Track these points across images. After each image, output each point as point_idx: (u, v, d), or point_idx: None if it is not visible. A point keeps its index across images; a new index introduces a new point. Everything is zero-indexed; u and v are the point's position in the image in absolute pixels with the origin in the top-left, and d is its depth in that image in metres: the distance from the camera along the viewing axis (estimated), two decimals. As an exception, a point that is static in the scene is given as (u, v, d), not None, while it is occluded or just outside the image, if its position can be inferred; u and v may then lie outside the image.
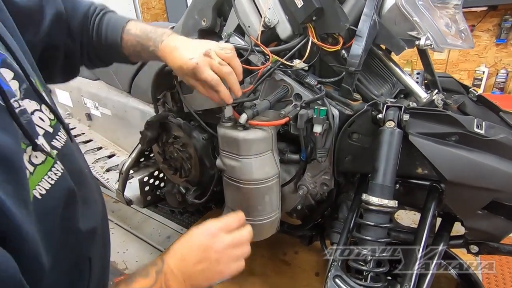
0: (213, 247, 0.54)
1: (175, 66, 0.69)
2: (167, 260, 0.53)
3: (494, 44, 2.77)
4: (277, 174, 0.85)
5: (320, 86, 0.83)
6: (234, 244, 0.56)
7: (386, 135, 0.74)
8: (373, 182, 0.75)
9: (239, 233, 0.59)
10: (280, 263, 1.45)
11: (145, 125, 1.06)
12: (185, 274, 0.52)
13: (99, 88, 1.68)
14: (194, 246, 0.54)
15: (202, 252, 0.53)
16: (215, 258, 0.54)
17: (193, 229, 0.57)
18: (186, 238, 0.56)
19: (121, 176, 1.24)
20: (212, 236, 0.55)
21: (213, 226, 0.57)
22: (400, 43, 0.78)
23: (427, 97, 0.91)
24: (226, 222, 0.59)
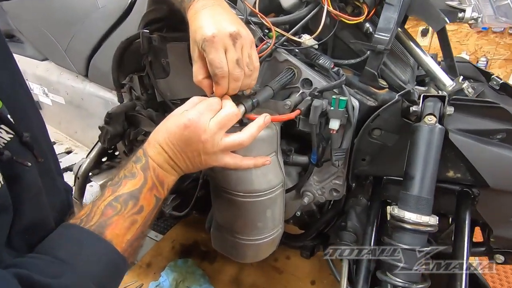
0: (199, 139, 0.49)
1: (192, 27, 0.55)
2: (149, 153, 0.50)
3: (476, 32, 2.75)
4: (281, 182, 0.67)
5: (338, 69, 0.64)
6: (220, 125, 0.51)
7: (424, 133, 0.58)
8: (406, 193, 0.59)
9: (235, 138, 0.52)
10: (271, 270, 1.30)
11: (106, 118, 0.82)
12: (170, 165, 0.51)
13: (48, 70, 1.37)
14: (175, 140, 0.50)
15: (186, 145, 0.50)
16: (201, 148, 0.50)
17: (173, 115, 0.52)
18: (164, 128, 0.51)
19: (78, 181, 0.99)
20: (196, 127, 0.49)
21: (194, 113, 0.50)
22: (440, 15, 0.62)
23: (453, 85, 0.76)
24: (208, 103, 0.52)
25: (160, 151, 0.50)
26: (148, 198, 0.48)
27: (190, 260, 1.31)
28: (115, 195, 0.46)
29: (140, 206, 0.47)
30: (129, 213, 0.45)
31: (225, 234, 0.73)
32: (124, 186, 0.47)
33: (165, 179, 0.51)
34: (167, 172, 0.51)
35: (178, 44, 0.73)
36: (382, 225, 0.84)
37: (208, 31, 0.50)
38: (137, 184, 0.47)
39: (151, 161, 0.49)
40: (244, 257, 0.74)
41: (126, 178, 0.48)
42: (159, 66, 0.79)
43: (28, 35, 1.41)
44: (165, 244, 1.42)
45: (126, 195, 0.46)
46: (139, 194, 0.47)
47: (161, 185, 0.50)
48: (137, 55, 0.82)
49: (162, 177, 0.50)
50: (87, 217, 0.43)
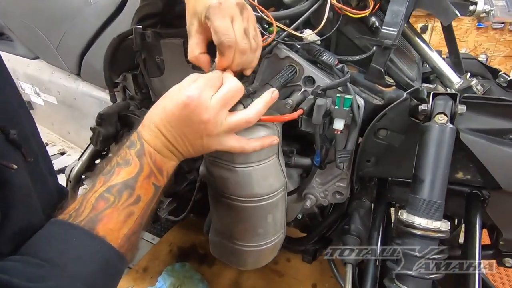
0: (201, 118, 0.45)
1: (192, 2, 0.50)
2: (145, 137, 0.45)
3: (475, 28, 2.72)
4: (283, 185, 0.64)
5: (342, 66, 0.61)
6: (223, 101, 0.46)
7: (434, 133, 0.55)
8: (416, 197, 0.56)
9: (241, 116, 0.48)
10: (271, 274, 1.27)
11: (97, 119, 0.78)
12: (169, 150, 0.46)
13: (39, 69, 1.33)
14: (174, 121, 0.45)
15: (186, 126, 0.45)
16: (203, 128, 0.46)
17: (170, 94, 0.47)
18: (161, 108, 0.46)
19: (70, 184, 0.95)
20: (197, 105, 0.44)
21: (193, 89, 0.45)
22: (451, 8, 0.58)
23: (460, 82, 0.73)
24: (208, 78, 0.47)
25: (157, 134, 0.45)
26: (146, 186, 0.43)
27: (187, 264, 1.27)
28: (107, 186, 0.41)
29: (137, 196, 0.42)
30: (124, 204, 0.41)
31: (224, 241, 0.69)
32: (118, 175, 0.42)
33: (164, 165, 0.46)
34: (166, 157, 0.46)
35: (173, 40, 0.69)
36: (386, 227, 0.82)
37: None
38: (132, 172, 0.42)
39: (147, 146, 0.45)
40: (244, 264, 0.71)
41: (119, 166, 0.43)
42: (153, 64, 0.76)
43: (18, 33, 1.36)
44: (162, 247, 1.39)
45: (120, 185, 0.41)
46: (135, 183, 0.42)
47: (160, 172, 0.45)
48: (130, 53, 0.79)
49: (160, 163, 0.45)
50: (77, 212, 0.39)
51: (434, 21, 2.75)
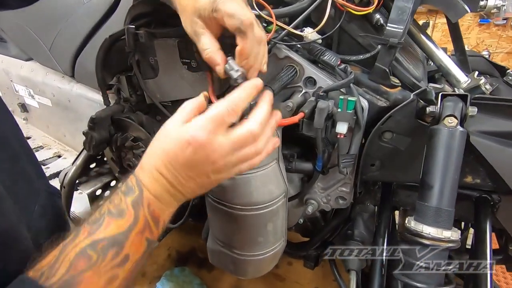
0: (208, 159, 0.40)
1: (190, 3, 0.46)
2: (144, 182, 0.39)
3: (477, 24, 2.69)
4: (284, 192, 0.61)
5: (345, 66, 0.58)
6: (238, 145, 0.41)
7: (443, 137, 0.52)
8: (424, 204, 0.53)
9: (243, 129, 0.41)
10: (272, 278, 1.24)
11: (89, 123, 0.75)
12: (172, 195, 0.41)
13: (33, 70, 1.30)
14: (178, 163, 0.39)
15: (192, 168, 0.40)
16: (212, 169, 0.41)
17: (169, 133, 0.40)
18: (161, 150, 0.40)
19: (64, 190, 0.92)
20: (202, 147, 0.39)
21: (199, 129, 0.39)
22: (460, 3, 0.55)
23: (468, 81, 0.70)
24: (217, 115, 0.40)
25: (158, 178, 0.40)
26: (137, 243, 0.38)
27: (187, 268, 1.25)
28: (92, 239, 0.35)
29: (125, 255, 0.36)
30: (108, 265, 0.35)
31: (223, 249, 0.66)
32: (107, 227, 0.36)
33: (162, 214, 0.40)
34: (165, 205, 0.41)
35: (167, 40, 0.66)
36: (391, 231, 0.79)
37: None
38: (123, 226, 0.37)
39: (146, 193, 0.39)
40: (244, 273, 0.68)
41: (110, 215, 0.37)
42: (147, 65, 0.72)
43: (10, 34, 1.33)
44: (160, 251, 1.36)
45: (107, 241, 0.35)
46: (125, 240, 0.36)
47: (156, 223, 0.40)
48: (124, 54, 0.75)
49: (158, 213, 0.40)
50: (51, 269, 0.33)
51: (436, 18, 2.71)
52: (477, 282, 0.62)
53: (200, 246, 1.36)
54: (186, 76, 0.68)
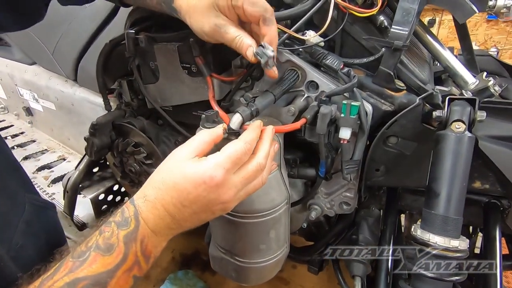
0: (219, 199, 0.39)
1: None
2: (145, 216, 0.37)
3: (485, 21, 2.63)
4: (286, 199, 0.59)
5: (348, 70, 0.56)
6: (249, 181, 0.41)
7: (451, 143, 0.50)
8: (431, 212, 0.51)
9: (253, 164, 0.41)
10: (276, 281, 1.23)
11: (90, 129, 0.74)
12: (172, 229, 0.39)
13: (37, 74, 1.31)
14: (188, 201, 0.37)
15: (202, 206, 0.38)
16: (220, 208, 0.40)
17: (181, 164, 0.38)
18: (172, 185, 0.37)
19: (67, 194, 0.92)
20: (218, 186, 0.37)
21: (217, 169, 0.37)
22: (467, 3, 0.53)
23: (476, 82, 0.68)
24: (235, 155, 0.39)
25: (162, 214, 0.38)
26: (122, 282, 0.35)
27: (190, 271, 1.24)
28: (73, 277, 0.32)
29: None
30: None
31: (225, 256, 0.65)
32: (91, 264, 0.33)
33: (154, 249, 0.38)
34: (161, 239, 0.39)
35: (167, 45, 0.65)
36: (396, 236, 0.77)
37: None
38: (110, 264, 0.34)
39: (143, 228, 0.36)
40: (246, 280, 0.67)
41: (97, 250, 0.34)
42: (147, 70, 0.72)
43: (15, 38, 1.34)
44: (164, 254, 1.36)
45: (88, 280, 0.32)
46: (109, 280, 0.34)
47: (146, 260, 0.38)
48: (125, 58, 0.75)
49: (150, 250, 0.38)
50: None
51: (442, 15, 2.66)
52: (487, 287, 0.60)
53: (204, 249, 1.35)
54: (187, 81, 0.67)
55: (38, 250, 0.47)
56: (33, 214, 0.48)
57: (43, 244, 0.49)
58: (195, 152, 0.39)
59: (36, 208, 0.50)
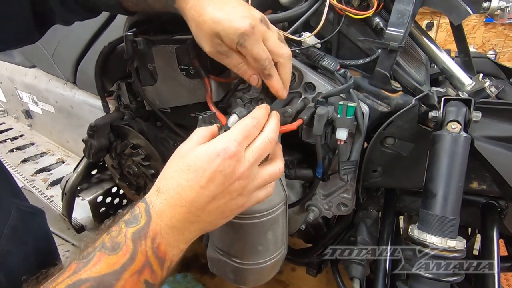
0: (235, 174, 0.37)
1: (207, 17, 0.45)
2: (158, 208, 0.34)
3: (483, 24, 2.65)
4: (283, 200, 0.59)
5: (345, 71, 0.57)
6: (261, 156, 0.40)
7: (447, 143, 0.50)
8: (428, 213, 0.51)
9: (262, 138, 0.41)
10: (275, 284, 1.23)
11: (89, 131, 0.75)
12: (190, 223, 0.35)
13: (36, 77, 1.31)
14: (205, 179, 0.35)
15: (219, 185, 0.36)
16: (237, 188, 0.38)
17: (190, 150, 0.37)
18: (185, 168, 0.36)
19: (65, 197, 0.92)
20: (232, 157, 0.36)
21: (230, 141, 0.37)
22: (462, 5, 0.53)
23: (472, 84, 0.68)
24: (244, 128, 0.40)
25: (178, 202, 0.34)
26: (130, 287, 0.31)
27: (189, 274, 1.24)
28: (75, 279, 0.30)
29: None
30: None
31: (223, 258, 0.65)
32: (95, 264, 0.31)
33: (170, 251, 0.34)
34: (178, 238, 0.35)
35: (165, 47, 0.66)
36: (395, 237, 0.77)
37: (245, 22, 0.43)
38: (116, 264, 0.31)
39: (155, 223, 0.33)
40: (244, 282, 0.67)
41: (103, 250, 0.32)
42: (146, 72, 0.72)
43: (14, 41, 1.35)
44: (163, 257, 1.35)
45: (91, 282, 0.30)
46: (114, 282, 0.30)
47: (160, 262, 0.33)
48: (123, 61, 0.75)
49: (164, 250, 0.33)
50: None
51: (440, 18, 2.68)
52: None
53: (203, 252, 1.34)
54: (185, 82, 0.67)
55: (24, 256, 0.46)
56: (19, 220, 0.46)
57: (30, 250, 0.47)
58: (197, 142, 0.39)
59: (23, 214, 0.48)
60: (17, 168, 1.29)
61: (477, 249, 0.81)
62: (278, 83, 0.49)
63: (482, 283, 0.60)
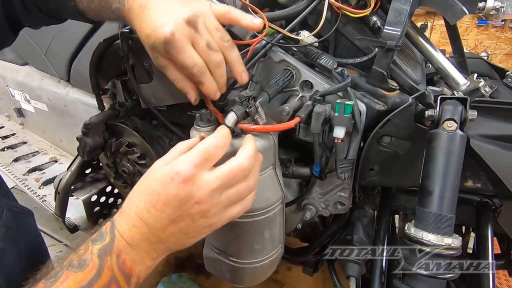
0: (192, 198, 0.35)
1: (142, 34, 0.45)
2: (120, 227, 0.35)
3: (476, 26, 2.69)
4: (281, 198, 0.59)
5: (342, 70, 0.57)
6: (226, 182, 0.38)
7: (443, 141, 0.51)
8: (424, 210, 0.51)
9: (233, 163, 0.38)
10: (271, 284, 1.22)
11: (83, 129, 0.73)
12: (152, 243, 0.36)
13: (29, 75, 1.29)
14: (159, 203, 0.35)
15: (175, 209, 0.35)
16: (197, 212, 0.36)
17: (153, 171, 0.37)
18: (144, 189, 0.37)
19: (59, 196, 0.91)
20: (186, 182, 0.35)
21: (184, 163, 0.36)
22: (458, 5, 0.54)
23: (467, 83, 0.69)
24: (204, 149, 0.37)
25: (136, 222, 0.35)
26: None
27: (185, 274, 1.23)
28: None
29: None
30: None
31: (219, 257, 0.65)
32: (62, 282, 0.31)
33: (136, 267, 0.35)
34: (142, 256, 0.36)
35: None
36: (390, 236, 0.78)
37: (164, 30, 0.41)
38: (83, 281, 0.31)
39: (118, 240, 0.34)
40: (241, 281, 0.66)
41: (70, 268, 0.32)
42: (141, 69, 0.71)
43: (6, 38, 1.32)
44: (158, 257, 1.34)
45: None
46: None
47: (127, 278, 0.34)
48: (119, 58, 0.74)
49: (130, 266, 0.34)
50: None
51: (434, 20, 2.71)
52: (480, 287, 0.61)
53: (198, 252, 1.34)
54: (181, 80, 0.67)
55: (17, 255, 0.46)
56: (11, 220, 0.46)
57: (22, 250, 0.47)
58: (170, 159, 0.38)
59: (14, 214, 0.48)
60: (9, 167, 1.27)
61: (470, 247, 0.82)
62: (211, 89, 0.47)
63: (477, 281, 0.61)
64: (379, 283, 0.64)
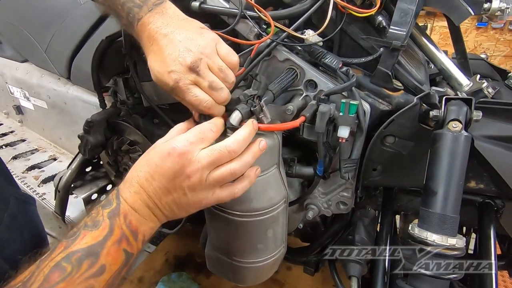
0: (184, 171, 0.41)
1: (150, 69, 0.48)
2: (124, 194, 0.42)
3: (475, 28, 2.70)
4: (284, 198, 0.59)
5: (347, 69, 0.57)
6: (215, 160, 0.42)
7: (447, 142, 0.51)
8: (428, 211, 0.51)
9: (220, 144, 0.43)
10: (271, 283, 1.22)
11: (85, 126, 0.73)
12: (151, 208, 0.42)
13: (28, 72, 1.28)
14: (157, 173, 0.41)
15: (169, 180, 0.41)
16: (188, 185, 0.42)
17: (155, 147, 0.44)
18: (144, 161, 0.43)
19: (59, 194, 0.90)
20: (180, 156, 0.41)
21: (181, 141, 0.42)
22: (463, 6, 0.54)
23: (470, 84, 0.69)
24: (199, 131, 0.44)
25: (138, 189, 0.42)
26: (114, 254, 0.38)
27: (184, 273, 1.23)
28: (67, 252, 0.36)
29: (101, 266, 0.37)
30: (82, 276, 0.35)
31: (221, 256, 0.65)
32: (82, 239, 0.37)
33: (140, 227, 0.41)
34: (144, 218, 0.42)
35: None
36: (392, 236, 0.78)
37: (169, 79, 0.45)
38: (99, 236, 0.38)
39: (123, 205, 0.41)
40: (243, 280, 0.66)
41: (86, 228, 0.38)
42: (144, 67, 0.71)
43: (6, 35, 1.31)
44: (157, 256, 1.34)
45: (81, 252, 0.36)
46: (100, 250, 0.37)
47: (134, 235, 0.40)
48: (121, 55, 0.74)
49: (135, 225, 0.41)
50: (24, 285, 0.34)
51: (434, 21, 2.72)
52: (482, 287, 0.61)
53: (198, 251, 1.34)
54: (184, 78, 0.66)
55: (22, 243, 0.49)
56: (17, 208, 0.49)
57: (26, 238, 0.51)
58: (168, 138, 0.44)
59: (19, 202, 0.51)
60: (8, 165, 1.25)
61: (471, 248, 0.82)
62: (219, 114, 0.50)
63: (479, 282, 0.61)
64: (382, 283, 0.64)
